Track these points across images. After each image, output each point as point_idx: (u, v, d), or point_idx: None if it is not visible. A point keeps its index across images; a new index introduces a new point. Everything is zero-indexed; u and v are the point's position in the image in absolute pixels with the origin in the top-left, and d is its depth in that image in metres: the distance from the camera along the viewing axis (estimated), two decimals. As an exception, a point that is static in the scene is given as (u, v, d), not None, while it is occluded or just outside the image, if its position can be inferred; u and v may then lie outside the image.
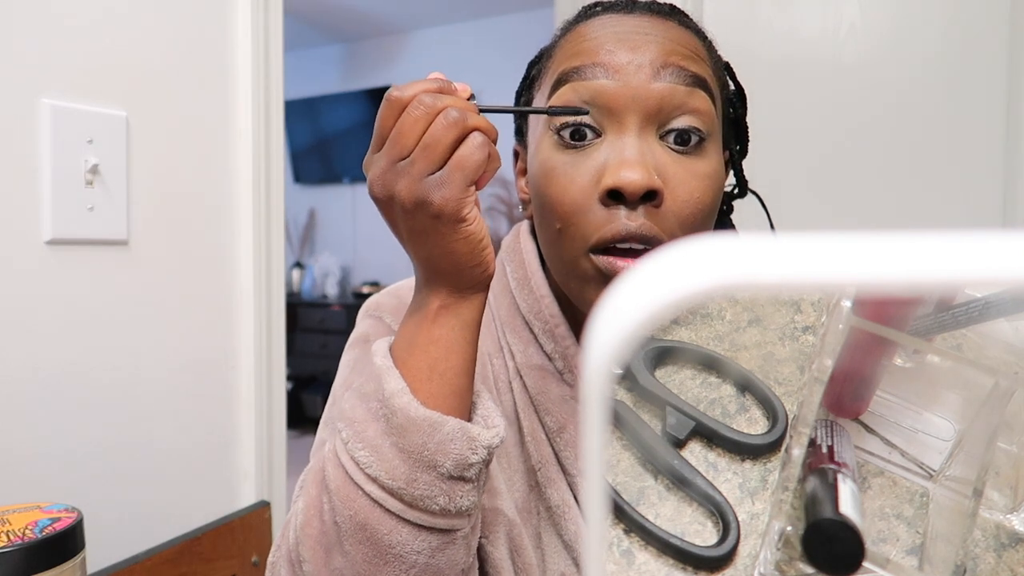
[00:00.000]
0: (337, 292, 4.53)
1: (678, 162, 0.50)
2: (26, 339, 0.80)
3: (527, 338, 0.59)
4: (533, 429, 0.58)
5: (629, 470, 0.41)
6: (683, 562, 0.38)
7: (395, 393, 0.44)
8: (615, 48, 0.51)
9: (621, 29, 0.52)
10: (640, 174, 0.47)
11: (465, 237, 0.43)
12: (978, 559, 0.37)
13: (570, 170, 0.51)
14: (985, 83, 1.08)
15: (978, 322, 0.34)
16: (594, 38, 0.52)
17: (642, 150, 0.49)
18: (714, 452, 0.41)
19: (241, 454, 1.06)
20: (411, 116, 0.41)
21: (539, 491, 0.58)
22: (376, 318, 0.62)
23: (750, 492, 0.40)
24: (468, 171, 0.41)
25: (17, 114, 0.79)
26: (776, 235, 0.48)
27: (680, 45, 0.52)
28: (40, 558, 0.51)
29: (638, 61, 0.50)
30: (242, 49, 1.04)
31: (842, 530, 0.30)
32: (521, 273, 0.61)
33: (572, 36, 0.55)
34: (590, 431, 0.15)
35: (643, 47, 0.51)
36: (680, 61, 0.51)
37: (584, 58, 0.51)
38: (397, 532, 0.43)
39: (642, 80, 0.50)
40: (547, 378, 0.58)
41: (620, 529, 0.39)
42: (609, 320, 0.15)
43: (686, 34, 0.54)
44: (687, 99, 0.50)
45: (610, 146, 0.50)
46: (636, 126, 0.50)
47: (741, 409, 0.43)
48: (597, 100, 0.50)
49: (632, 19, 0.53)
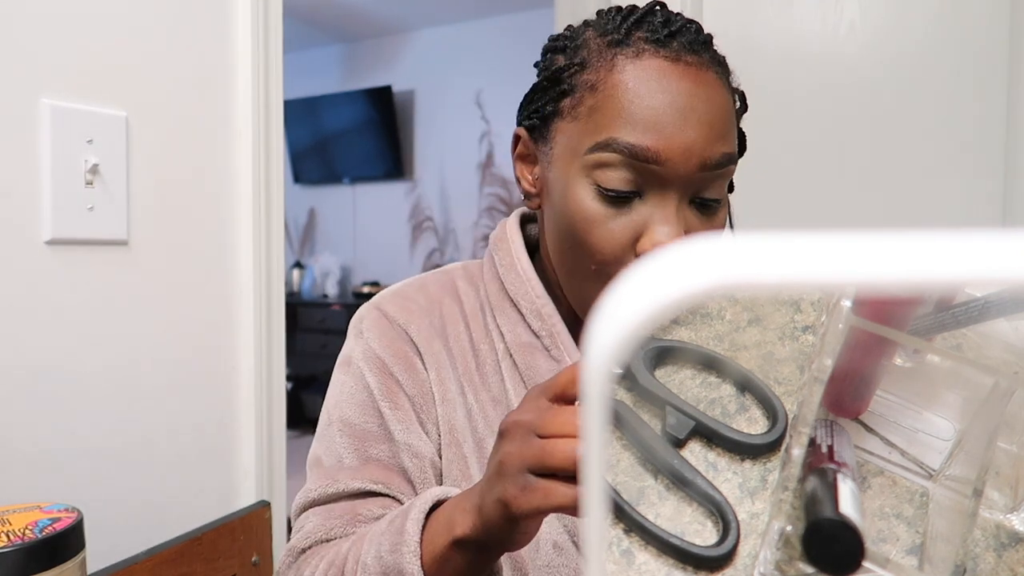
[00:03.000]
0: (337, 292, 4.53)
1: (702, 222, 0.56)
2: (26, 339, 0.80)
3: (515, 318, 0.63)
4: None
5: (629, 470, 0.41)
6: (683, 562, 0.38)
7: None
8: (669, 127, 0.53)
9: (673, 95, 0.54)
10: None
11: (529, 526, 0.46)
12: (978, 559, 0.37)
13: (611, 223, 0.55)
14: (985, 83, 1.08)
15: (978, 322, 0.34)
16: (649, 106, 0.53)
17: (679, 219, 0.54)
18: (714, 452, 0.41)
19: (241, 454, 1.06)
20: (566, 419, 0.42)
21: None
22: (357, 333, 0.66)
23: (750, 492, 0.40)
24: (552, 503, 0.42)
25: (17, 114, 0.79)
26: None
27: (722, 121, 0.55)
28: (40, 558, 0.51)
29: (691, 148, 0.53)
30: (242, 49, 1.04)
31: (842, 530, 0.30)
32: (508, 260, 0.65)
33: (622, 86, 0.54)
34: (590, 431, 0.15)
35: (696, 127, 0.53)
36: (723, 146, 0.54)
37: (638, 133, 0.53)
38: None
39: (690, 169, 0.53)
40: (535, 354, 0.62)
41: (620, 529, 0.39)
42: (609, 320, 0.15)
43: (722, 93, 0.56)
44: (721, 175, 0.56)
45: (651, 210, 0.54)
46: (676, 195, 0.54)
47: (741, 409, 0.43)
48: (645, 168, 0.54)
49: (679, 76, 0.54)
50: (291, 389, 4.00)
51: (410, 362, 0.63)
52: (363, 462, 0.61)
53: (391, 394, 0.62)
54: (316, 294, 4.56)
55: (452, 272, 0.70)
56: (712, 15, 1.24)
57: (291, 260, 4.76)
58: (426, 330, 0.64)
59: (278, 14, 1.09)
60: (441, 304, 0.66)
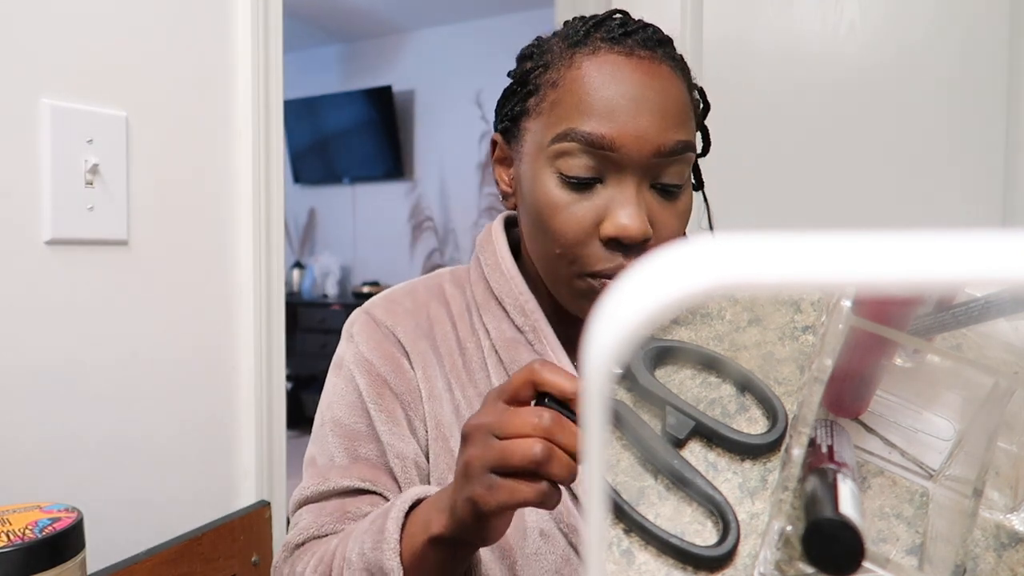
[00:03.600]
0: (337, 292, 4.53)
1: (664, 207, 0.58)
2: (26, 339, 0.80)
3: (500, 315, 0.66)
4: None
5: (629, 470, 0.41)
6: (683, 562, 0.38)
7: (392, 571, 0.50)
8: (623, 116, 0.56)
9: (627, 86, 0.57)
10: (638, 226, 0.55)
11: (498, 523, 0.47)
12: (978, 559, 0.37)
13: (574, 209, 0.57)
14: (985, 83, 1.08)
15: (978, 322, 0.34)
16: (604, 97, 0.56)
17: (639, 201, 0.56)
18: (714, 452, 0.41)
19: (241, 454, 1.06)
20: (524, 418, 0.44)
21: None
22: (348, 338, 0.69)
23: (750, 492, 0.40)
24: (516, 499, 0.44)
25: (17, 114, 0.79)
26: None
27: (676, 109, 0.58)
28: (40, 558, 0.51)
29: (646, 134, 0.56)
30: (242, 49, 1.04)
31: (842, 530, 0.30)
32: (493, 260, 0.68)
33: (579, 80, 0.58)
34: (590, 431, 0.15)
35: (649, 116, 0.56)
36: (677, 134, 0.57)
37: (593, 123, 0.56)
38: None
39: (644, 157, 0.56)
40: (519, 348, 0.65)
41: (620, 529, 0.39)
42: (609, 320, 0.15)
43: (677, 85, 0.59)
44: (678, 161, 0.58)
45: (611, 193, 0.57)
46: (635, 180, 0.57)
47: (741, 409, 0.43)
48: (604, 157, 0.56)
49: (632, 68, 0.57)
50: (291, 389, 4.00)
51: (397, 362, 0.67)
52: (352, 460, 0.65)
53: (379, 396, 0.66)
54: (316, 294, 4.56)
55: (440, 276, 0.74)
56: (712, 15, 1.24)
57: (291, 260, 4.76)
58: (412, 331, 0.68)
59: (278, 14, 1.09)
60: (428, 307, 0.70)
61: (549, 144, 0.58)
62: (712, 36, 1.24)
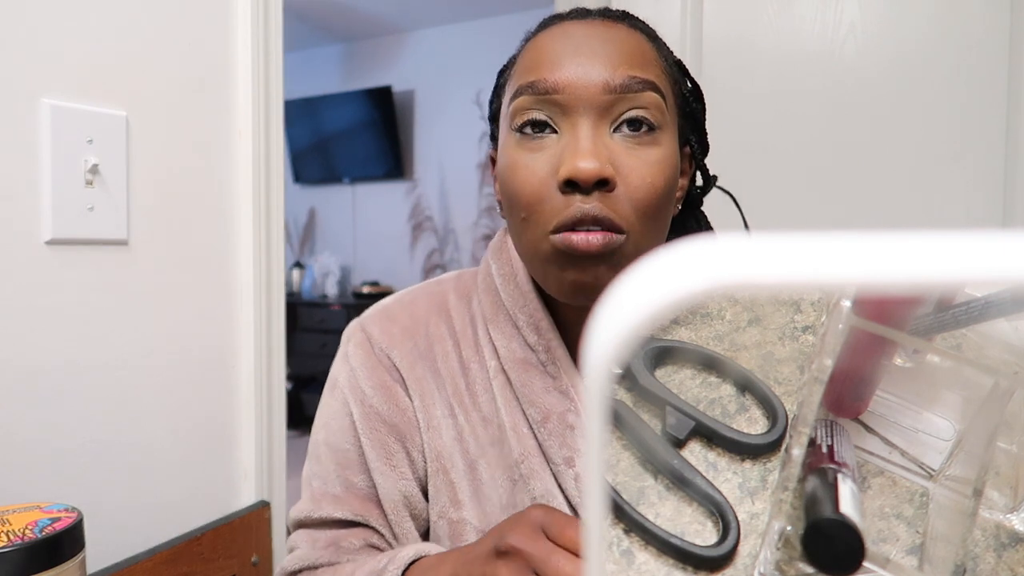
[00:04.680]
0: (337, 292, 4.53)
1: (630, 151, 0.54)
2: (26, 339, 0.80)
3: (511, 332, 0.62)
4: (515, 423, 0.60)
5: (629, 470, 0.41)
6: (683, 562, 0.38)
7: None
8: (567, 62, 0.54)
9: (574, 39, 0.56)
10: (592, 163, 0.51)
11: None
12: (978, 559, 0.37)
13: (531, 163, 0.55)
14: (985, 83, 1.08)
15: (978, 322, 0.34)
16: (550, 49, 0.56)
17: (595, 142, 0.53)
18: (714, 452, 0.41)
19: (241, 454, 1.06)
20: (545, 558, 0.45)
21: (523, 483, 0.60)
22: (344, 356, 0.67)
23: (750, 492, 0.40)
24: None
25: (17, 114, 0.79)
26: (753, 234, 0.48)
27: (629, 52, 0.55)
28: (40, 558, 0.51)
29: (590, 76, 0.54)
30: (242, 49, 1.04)
31: (842, 530, 0.30)
32: (507, 270, 0.64)
33: (530, 47, 0.58)
34: (590, 431, 0.15)
35: (592, 58, 0.54)
36: (629, 70, 0.54)
37: (539, 71, 0.55)
38: None
39: (592, 94, 0.53)
40: (530, 370, 0.60)
41: (620, 529, 0.39)
42: (609, 320, 0.15)
43: (635, 38, 0.57)
44: (636, 99, 0.54)
45: (565, 140, 0.54)
46: (589, 122, 0.54)
47: (741, 409, 0.43)
48: (552, 103, 0.54)
49: (583, 27, 0.57)
50: (291, 389, 4.00)
51: (391, 392, 0.64)
52: (345, 490, 0.64)
53: (372, 430, 0.64)
54: (316, 294, 4.56)
55: (445, 284, 0.70)
56: (712, 15, 1.24)
57: (291, 260, 4.76)
58: (409, 354, 0.65)
59: (278, 14, 1.09)
60: (428, 323, 0.67)
61: (508, 112, 0.57)
62: (712, 36, 1.24)
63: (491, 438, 0.62)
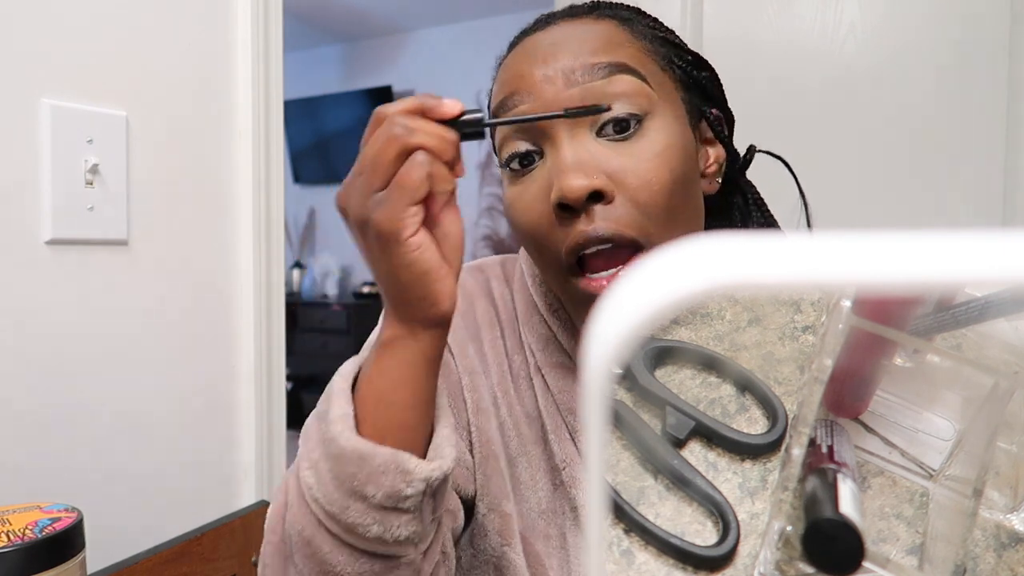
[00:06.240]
0: (337, 292, 4.53)
1: (620, 151, 0.49)
2: (26, 339, 0.80)
3: (546, 335, 0.59)
4: (556, 427, 0.58)
5: (629, 470, 0.41)
6: (683, 562, 0.38)
7: (335, 419, 0.43)
8: (527, 70, 0.51)
9: (536, 49, 0.52)
10: (577, 179, 0.47)
11: (407, 264, 0.41)
12: (978, 559, 0.37)
13: (525, 197, 0.52)
14: (985, 83, 1.08)
15: (978, 322, 0.34)
16: (513, 66, 0.53)
17: (577, 155, 0.49)
18: (714, 452, 0.41)
19: (241, 454, 1.06)
20: (376, 134, 0.41)
21: (564, 490, 0.57)
22: None
23: (750, 492, 0.40)
24: (406, 190, 0.40)
25: (17, 114, 0.79)
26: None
27: (590, 41, 0.51)
28: (40, 558, 0.51)
29: (548, 74, 0.50)
30: (242, 49, 1.04)
31: (842, 530, 0.30)
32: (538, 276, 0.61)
33: (500, 72, 0.55)
34: (590, 431, 0.15)
35: (551, 58, 0.51)
36: (590, 59, 0.50)
37: (505, 90, 0.52)
38: (338, 552, 0.43)
39: (556, 91, 0.50)
40: (568, 376, 0.57)
41: (620, 529, 0.39)
42: (609, 320, 0.15)
43: (600, 26, 0.53)
44: (608, 88, 0.49)
45: (549, 162, 0.51)
46: (566, 134, 0.50)
47: (741, 409, 0.43)
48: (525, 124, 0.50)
49: (546, 34, 0.53)
50: (291, 389, 4.00)
51: (444, 360, 0.58)
52: None
53: None
54: (316, 294, 4.56)
55: (487, 271, 0.66)
56: (712, 15, 1.24)
57: (291, 260, 4.76)
58: (460, 330, 0.61)
59: (278, 14, 1.09)
60: (475, 304, 0.62)
61: (496, 145, 0.54)
62: (712, 35, 1.24)
63: (534, 437, 0.59)
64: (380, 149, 0.41)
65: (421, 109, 0.43)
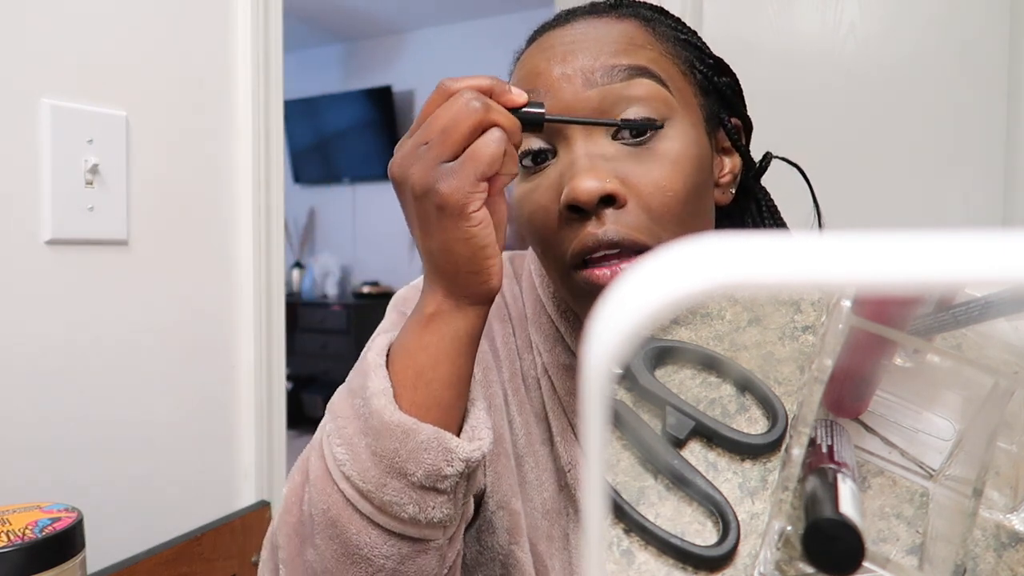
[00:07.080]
0: (337, 292, 4.53)
1: (635, 156, 0.49)
2: (26, 339, 0.80)
3: (554, 336, 0.58)
4: (563, 429, 0.57)
5: (629, 470, 0.41)
6: (683, 562, 0.38)
7: (376, 393, 0.42)
8: (545, 67, 0.51)
9: (556, 46, 0.51)
10: (591, 182, 0.47)
11: (467, 238, 0.41)
12: (978, 559, 0.37)
13: (534, 195, 0.51)
14: (985, 83, 1.08)
15: (978, 322, 0.34)
16: (530, 63, 0.53)
17: (591, 157, 0.48)
18: (714, 452, 0.41)
19: (241, 454, 1.06)
20: (446, 106, 0.41)
21: (568, 492, 0.57)
22: (401, 313, 0.60)
23: (750, 492, 0.40)
24: (480, 163, 0.40)
25: (17, 114, 0.79)
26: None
27: (610, 42, 0.51)
28: (40, 558, 0.51)
29: (567, 72, 0.49)
30: (242, 49, 1.04)
31: (842, 530, 0.30)
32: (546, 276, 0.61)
33: (517, 68, 0.55)
34: (590, 431, 0.15)
35: (571, 57, 0.50)
36: (610, 60, 0.49)
37: (522, 86, 0.52)
38: (366, 534, 0.42)
39: (575, 90, 0.49)
40: (574, 378, 0.57)
41: (620, 529, 0.39)
42: (609, 320, 0.15)
43: (621, 26, 0.52)
44: (626, 92, 0.49)
45: (561, 162, 0.50)
46: (582, 135, 0.49)
47: (741, 409, 0.43)
48: None
49: (566, 31, 0.52)
50: (291, 389, 4.00)
51: None
52: None
53: None
54: (316, 294, 4.56)
55: None
56: (712, 15, 1.24)
57: (291, 260, 4.76)
58: None
59: (278, 14, 1.09)
60: None
61: None
62: (712, 36, 1.24)
63: (541, 437, 0.58)
64: (454, 119, 0.40)
65: (491, 90, 0.43)
